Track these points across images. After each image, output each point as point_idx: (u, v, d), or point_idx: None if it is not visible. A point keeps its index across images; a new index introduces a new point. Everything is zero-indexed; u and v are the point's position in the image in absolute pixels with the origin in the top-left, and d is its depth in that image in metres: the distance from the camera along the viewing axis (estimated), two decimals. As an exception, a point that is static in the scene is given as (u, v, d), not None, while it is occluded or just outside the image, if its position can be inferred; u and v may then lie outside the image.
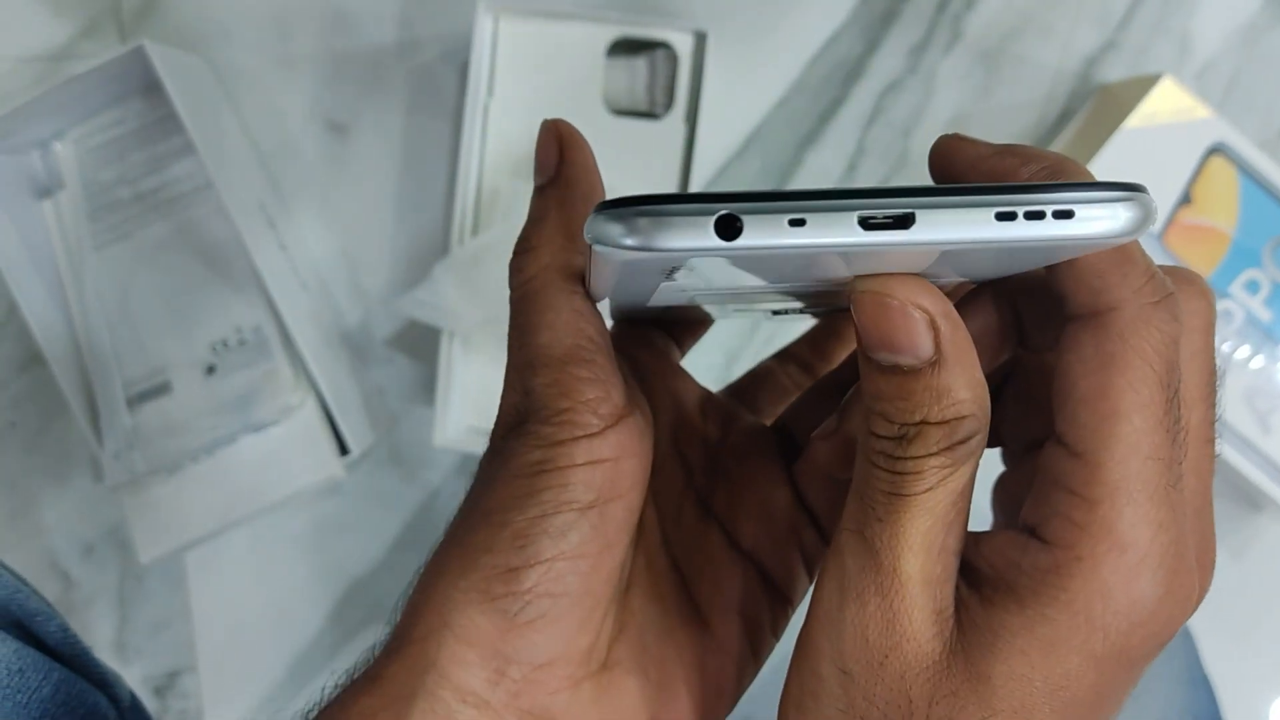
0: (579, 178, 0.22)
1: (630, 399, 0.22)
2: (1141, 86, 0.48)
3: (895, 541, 0.18)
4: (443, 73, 0.54)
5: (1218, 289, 0.49)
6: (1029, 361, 0.23)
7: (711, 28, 0.50)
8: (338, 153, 0.55)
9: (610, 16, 0.50)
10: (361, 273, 0.55)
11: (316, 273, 0.55)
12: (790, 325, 0.36)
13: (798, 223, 0.16)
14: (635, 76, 0.52)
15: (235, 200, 0.48)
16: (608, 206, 0.16)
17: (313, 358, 0.50)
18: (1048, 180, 0.18)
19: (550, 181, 0.22)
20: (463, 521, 0.22)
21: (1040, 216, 0.16)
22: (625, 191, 0.23)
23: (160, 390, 0.51)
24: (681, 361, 0.28)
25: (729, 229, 0.16)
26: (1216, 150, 0.48)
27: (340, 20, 0.54)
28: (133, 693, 0.37)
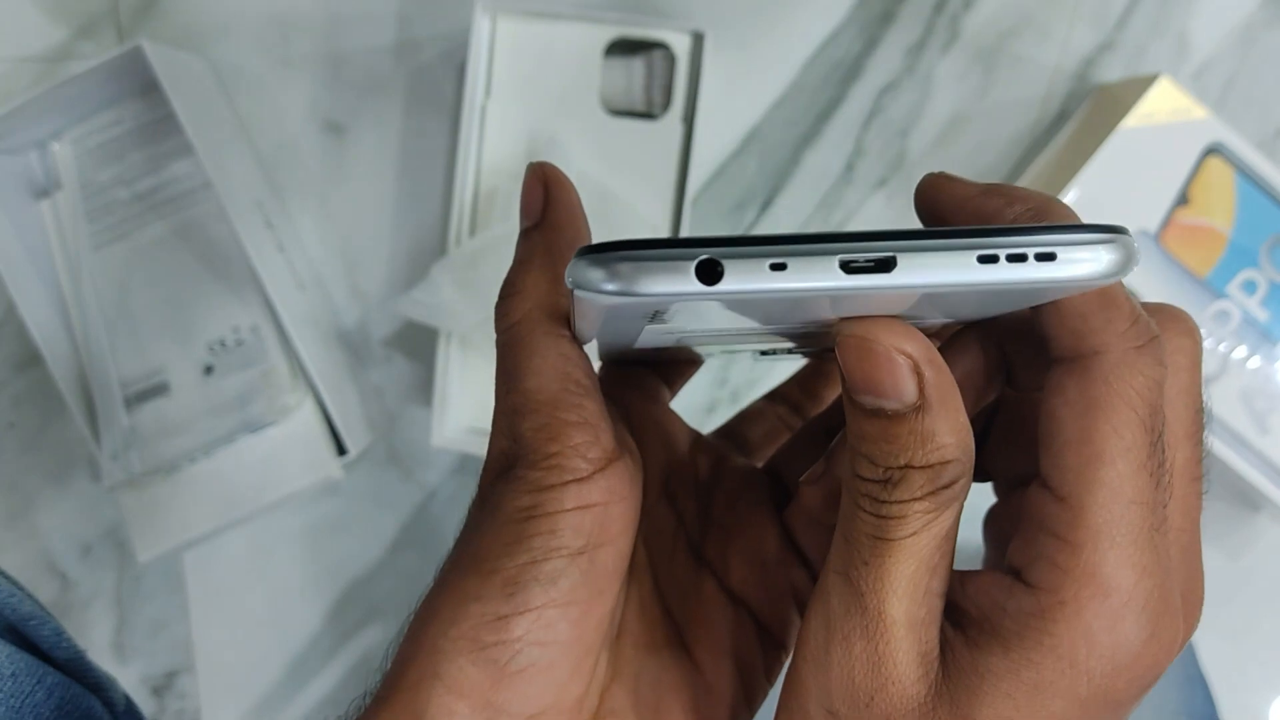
0: (564, 221, 0.22)
1: (619, 442, 0.22)
2: (1139, 86, 0.48)
3: (880, 585, 0.18)
4: (441, 73, 0.54)
5: (1215, 289, 0.49)
6: (1017, 399, 0.23)
7: (709, 28, 0.50)
8: (336, 153, 0.55)
9: (607, 17, 0.50)
10: (359, 273, 0.55)
11: (314, 273, 0.55)
12: (782, 365, 0.36)
13: (779, 267, 0.16)
14: (632, 77, 0.52)
15: (233, 200, 0.48)
16: (589, 251, 0.16)
17: (310, 358, 0.50)
18: (1033, 221, 0.18)
19: (536, 225, 0.22)
20: (452, 568, 0.22)
21: (1022, 259, 0.16)
22: (623, 192, 0.23)
23: (158, 390, 0.51)
24: (671, 402, 0.28)
25: (710, 274, 0.16)
26: (1214, 150, 0.48)
27: (338, 21, 0.54)
28: (127, 696, 0.37)
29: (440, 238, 0.55)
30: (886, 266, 0.16)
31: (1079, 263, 0.16)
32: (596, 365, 0.23)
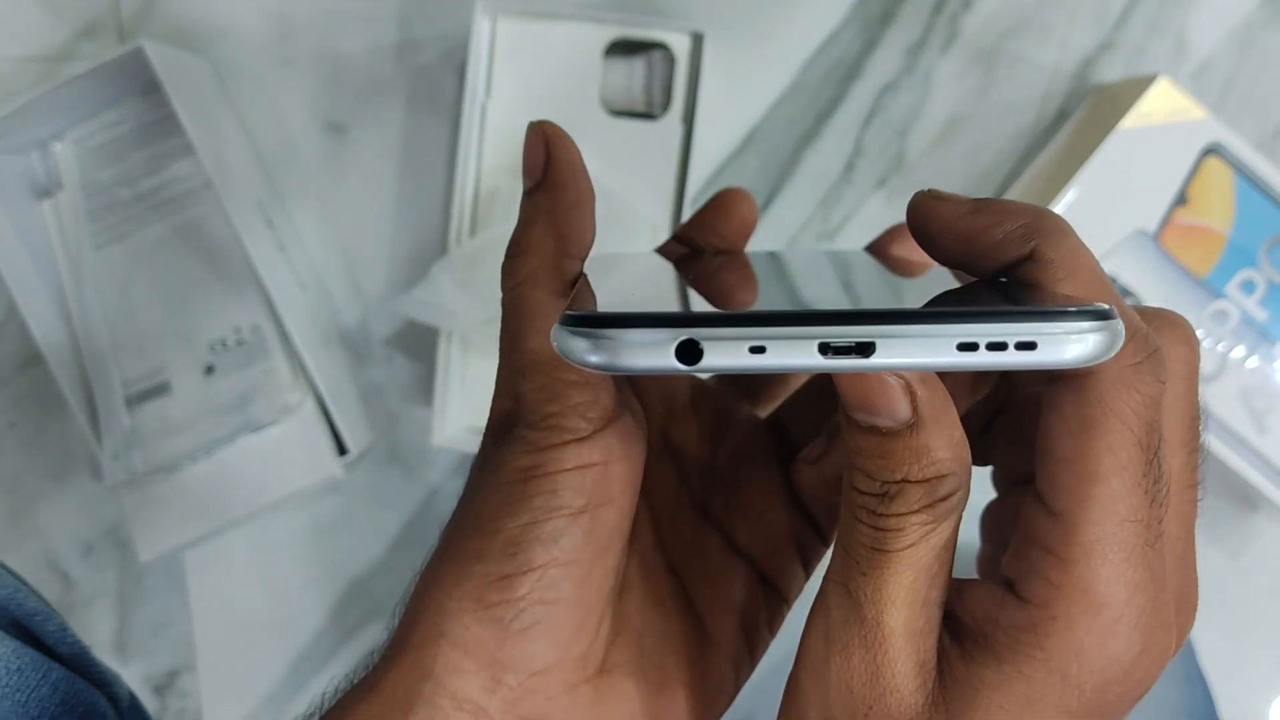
0: (567, 180, 0.22)
1: (620, 401, 0.22)
2: (1138, 86, 0.48)
3: (879, 596, 0.18)
4: (441, 73, 0.54)
5: (1214, 289, 0.49)
6: (1018, 395, 0.23)
7: (708, 28, 0.50)
8: (336, 153, 0.55)
9: (607, 17, 0.50)
10: (360, 272, 0.56)
11: (315, 273, 0.55)
12: None
13: (758, 350, 0.16)
14: (632, 77, 0.52)
15: (234, 200, 0.48)
16: (573, 321, 0.17)
17: (311, 358, 0.50)
18: (1022, 240, 0.18)
19: (538, 184, 0.22)
20: (456, 529, 0.22)
21: (1002, 348, 0.16)
22: (623, 192, 0.23)
23: (159, 390, 0.51)
24: None
25: (690, 354, 0.16)
26: (1212, 150, 0.48)
27: (339, 21, 0.54)
28: (131, 692, 0.37)
29: (441, 237, 0.55)
30: (865, 351, 0.16)
31: (1061, 349, 0.16)
32: None
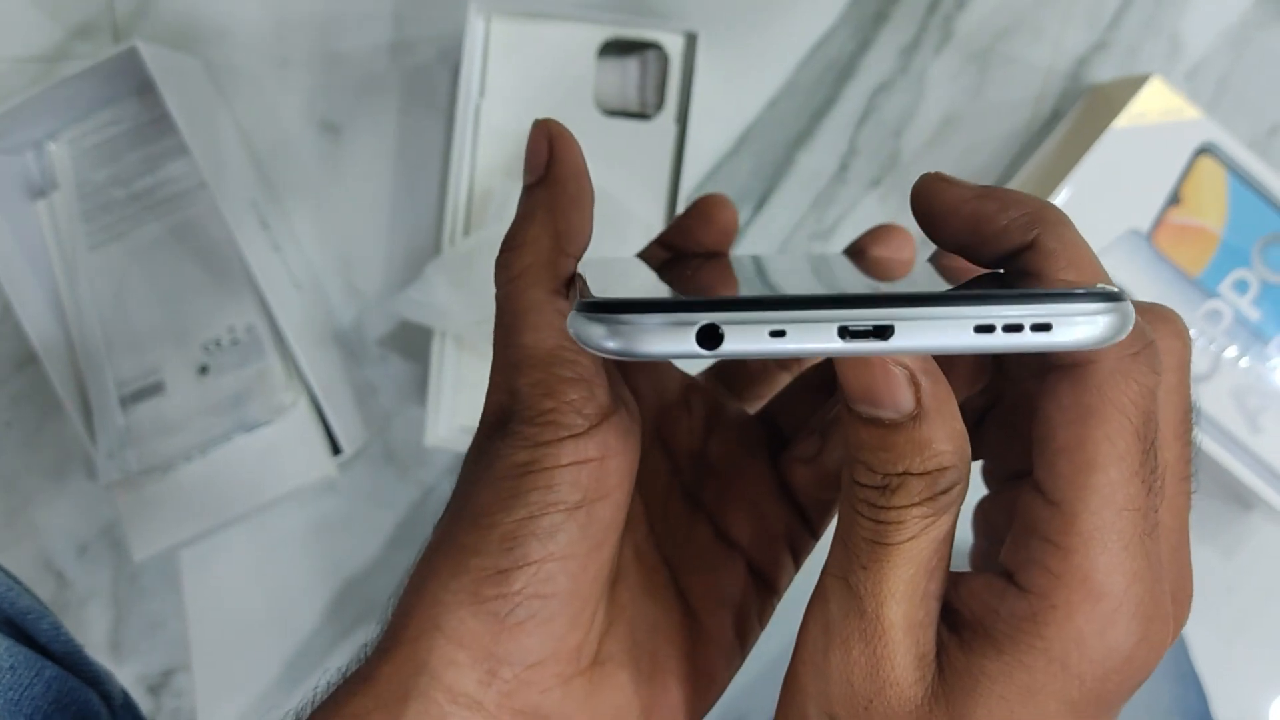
0: (568, 177, 0.22)
1: (615, 396, 0.22)
2: (1131, 86, 0.48)
3: (879, 589, 0.19)
4: (435, 73, 0.54)
5: (1207, 288, 0.49)
6: (1011, 391, 0.23)
7: (702, 28, 0.50)
8: (331, 153, 0.55)
9: (601, 17, 0.50)
10: (354, 272, 0.56)
11: (309, 272, 0.55)
12: None
13: (778, 334, 0.16)
14: (626, 77, 0.52)
15: (229, 201, 0.48)
16: (591, 307, 0.17)
17: (305, 357, 0.50)
18: (1026, 229, 0.18)
19: (539, 180, 0.22)
20: (450, 522, 0.22)
21: (1018, 329, 0.16)
22: (617, 192, 0.23)
23: (154, 390, 0.51)
24: None
25: (710, 339, 0.16)
26: (1205, 150, 0.48)
27: (333, 21, 0.54)
28: (124, 690, 0.37)
29: (435, 237, 0.55)
30: (884, 334, 0.16)
31: (1075, 331, 0.16)
32: None
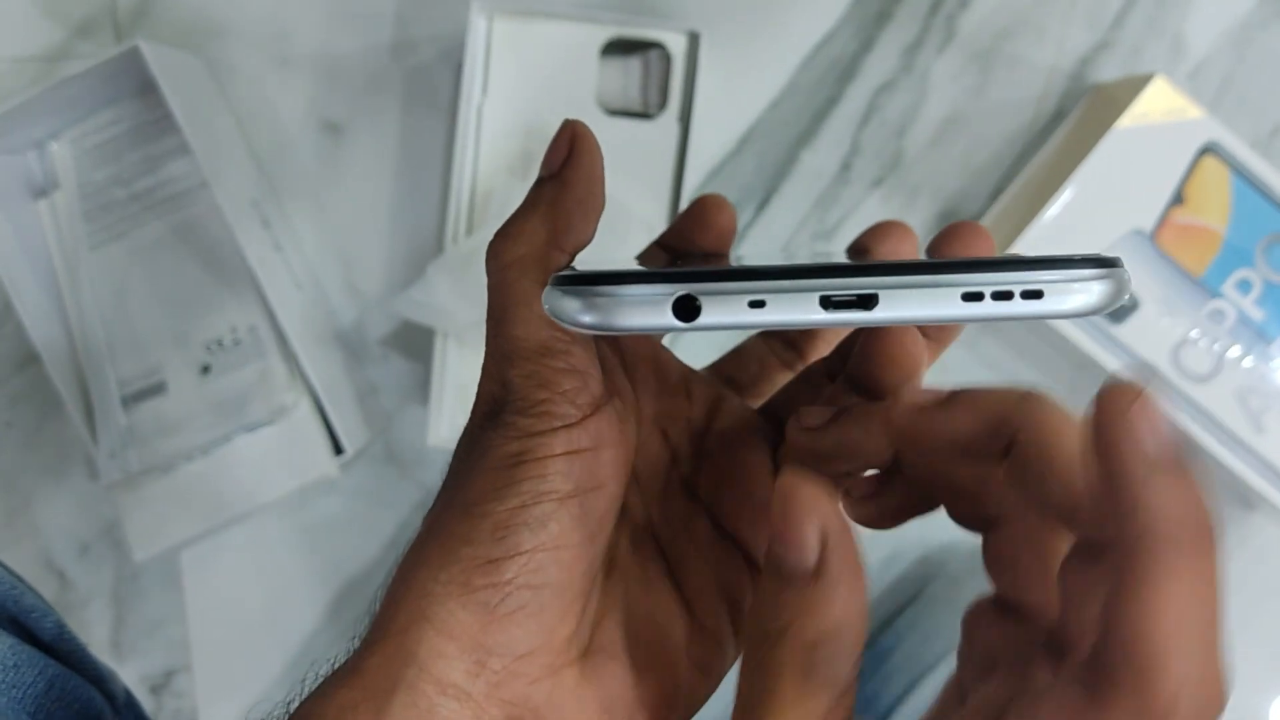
0: (579, 180, 0.22)
1: (610, 386, 0.22)
2: (1134, 86, 0.48)
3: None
4: (438, 73, 0.54)
5: (1210, 288, 0.49)
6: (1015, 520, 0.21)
7: (705, 28, 0.50)
8: (333, 152, 0.55)
9: (604, 17, 0.50)
10: (356, 272, 0.56)
11: (311, 272, 0.55)
12: None
13: (757, 304, 0.16)
14: (629, 77, 0.52)
15: (230, 200, 0.48)
16: (566, 281, 0.16)
17: (307, 357, 0.50)
18: (999, 431, 0.18)
19: (551, 176, 0.22)
20: (441, 513, 0.22)
21: (1008, 297, 0.16)
22: (619, 192, 0.23)
23: (155, 390, 0.51)
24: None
25: (687, 310, 0.16)
26: (1208, 150, 0.48)
27: (336, 20, 0.54)
28: (127, 689, 0.37)
29: (437, 237, 0.55)
30: (868, 304, 0.16)
31: (1068, 299, 0.16)
32: None
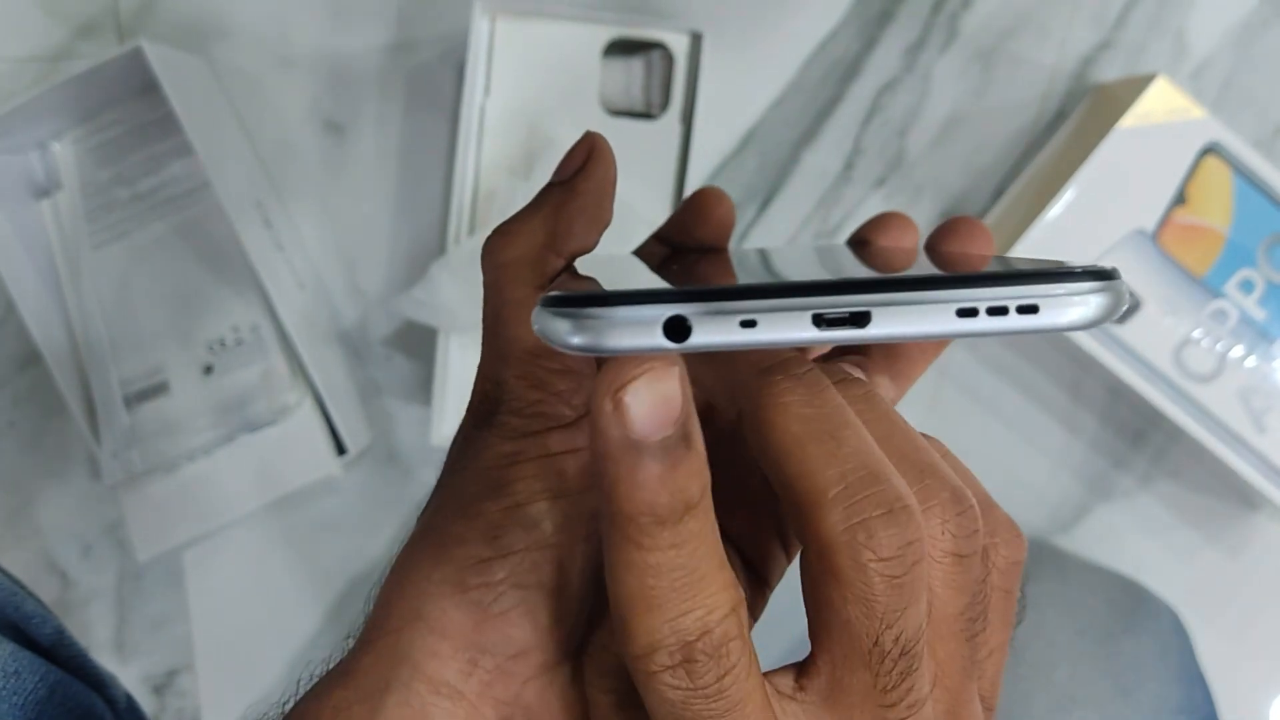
0: (589, 190, 0.22)
1: None
2: (1136, 86, 0.48)
3: None
4: (440, 73, 0.54)
5: (1212, 288, 0.49)
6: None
7: (707, 28, 0.50)
8: (335, 153, 0.55)
9: (606, 17, 0.50)
10: (358, 272, 0.56)
11: (314, 272, 0.55)
12: None
13: (749, 324, 0.15)
14: (631, 77, 0.52)
15: (233, 200, 0.48)
16: (555, 302, 0.16)
17: (310, 357, 0.50)
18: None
19: (561, 183, 0.22)
20: (435, 513, 0.22)
21: (1003, 312, 0.15)
22: (621, 192, 0.23)
23: (158, 390, 0.51)
24: None
25: (678, 331, 0.15)
26: (1211, 150, 0.48)
27: (338, 20, 0.54)
28: (129, 694, 0.37)
29: (440, 237, 0.55)
30: (861, 322, 0.15)
31: (1065, 313, 0.15)
32: None
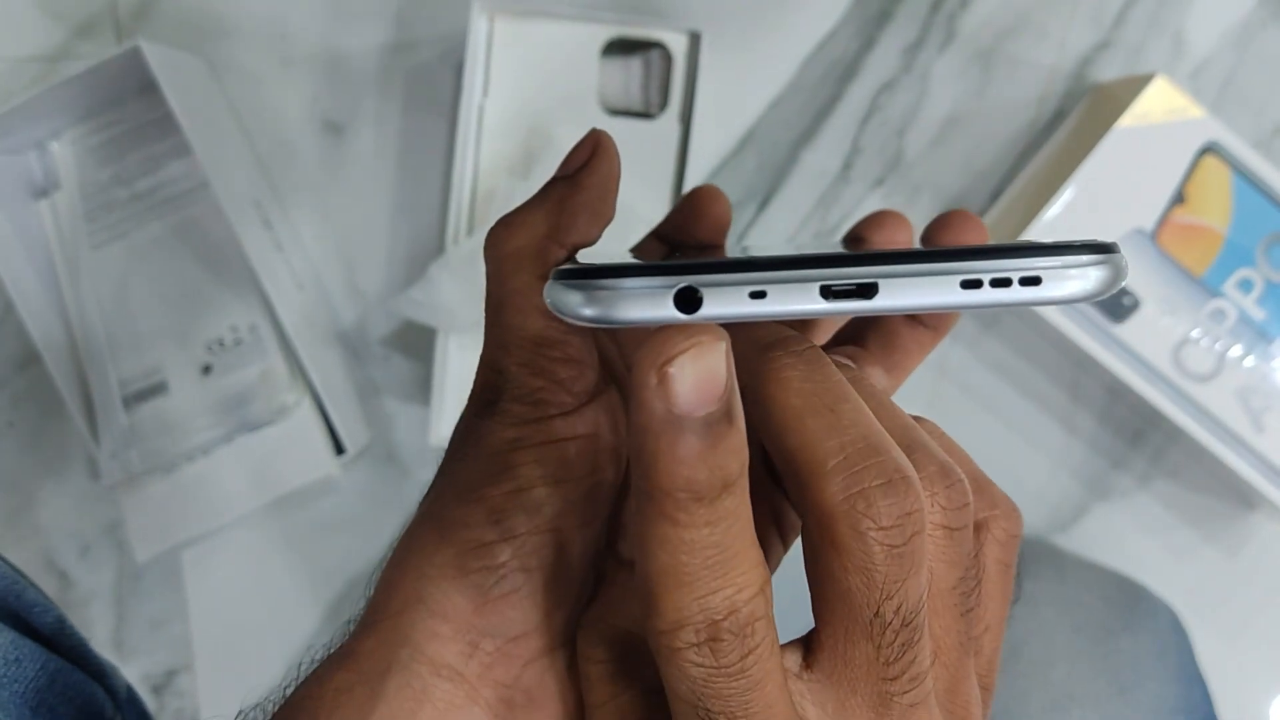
0: (592, 185, 0.22)
1: (606, 374, 0.22)
2: (1135, 86, 0.48)
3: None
4: (439, 72, 0.54)
5: (1211, 288, 0.49)
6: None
7: (706, 28, 0.50)
8: (334, 152, 0.55)
9: (605, 17, 0.50)
10: (357, 272, 0.56)
11: (312, 272, 0.55)
12: None
13: (758, 295, 0.16)
14: (630, 76, 0.52)
15: (231, 200, 0.48)
16: (567, 275, 0.16)
17: (308, 357, 0.50)
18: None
19: (565, 177, 0.22)
20: (436, 497, 0.22)
21: (1006, 284, 0.16)
22: (621, 191, 0.23)
23: (157, 390, 0.51)
24: None
25: (689, 302, 0.16)
26: (1210, 149, 0.48)
27: (336, 20, 0.54)
28: (129, 684, 0.37)
29: (438, 237, 0.55)
30: (868, 292, 0.16)
31: (1066, 285, 0.16)
32: None
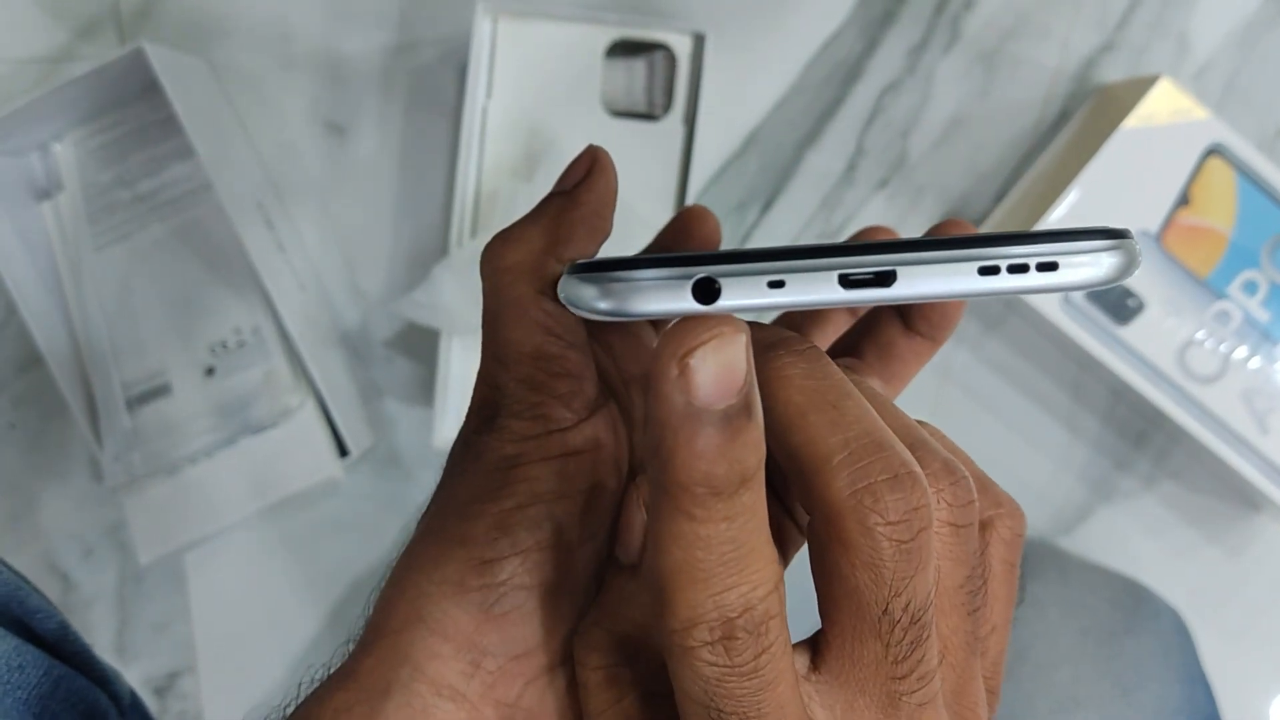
0: (590, 201, 0.22)
1: (605, 389, 0.22)
2: (1139, 87, 0.48)
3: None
4: (442, 74, 0.54)
5: (1216, 289, 0.49)
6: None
7: (710, 29, 0.50)
8: (337, 154, 0.55)
9: (608, 18, 0.50)
10: (360, 274, 0.55)
11: (315, 274, 0.55)
12: None
13: (777, 285, 0.16)
14: (633, 78, 0.52)
15: (234, 201, 0.48)
16: (582, 268, 0.16)
17: (311, 359, 0.50)
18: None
19: (562, 193, 0.22)
20: (436, 513, 0.22)
21: (1024, 270, 0.16)
22: (623, 193, 0.23)
23: (160, 392, 0.51)
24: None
25: (707, 292, 0.16)
26: (1214, 151, 0.48)
27: (339, 21, 0.54)
28: (133, 690, 0.37)
29: (442, 238, 0.55)
30: (886, 281, 0.16)
31: (1081, 270, 0.16)
32: None
